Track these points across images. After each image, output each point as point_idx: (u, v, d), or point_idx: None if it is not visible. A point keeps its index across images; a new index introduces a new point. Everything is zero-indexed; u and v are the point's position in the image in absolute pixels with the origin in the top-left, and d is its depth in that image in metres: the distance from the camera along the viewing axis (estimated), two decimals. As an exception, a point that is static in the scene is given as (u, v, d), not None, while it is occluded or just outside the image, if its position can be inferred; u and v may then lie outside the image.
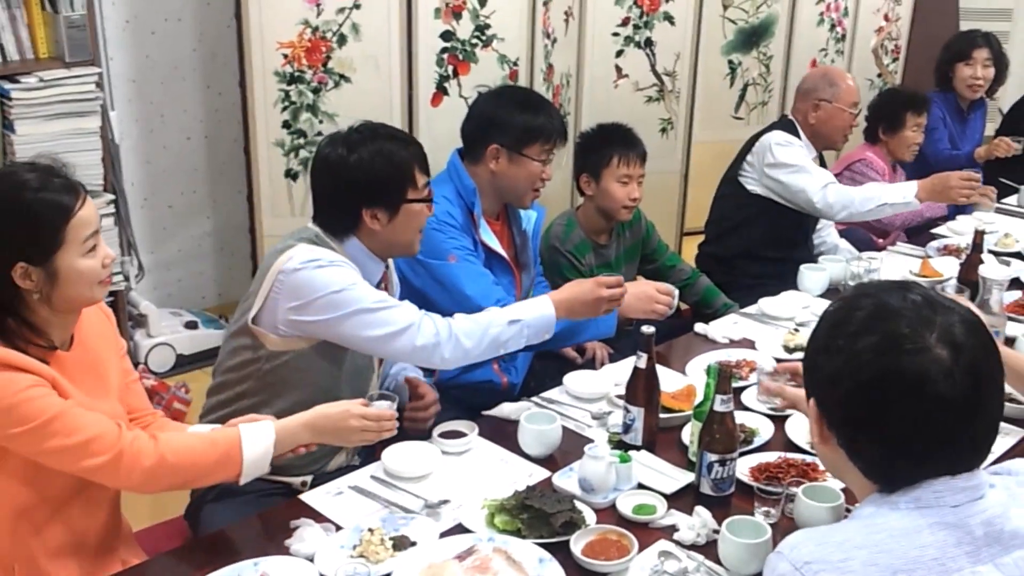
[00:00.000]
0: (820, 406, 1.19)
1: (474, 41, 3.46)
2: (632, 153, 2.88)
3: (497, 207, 2.61)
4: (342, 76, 3.35)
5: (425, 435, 2.07)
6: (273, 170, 3.40)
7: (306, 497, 1.88)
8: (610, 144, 2.88)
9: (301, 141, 3.39)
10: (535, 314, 2.09)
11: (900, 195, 3.23)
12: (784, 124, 3.43)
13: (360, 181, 2.01)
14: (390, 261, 2.21)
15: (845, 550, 1.07)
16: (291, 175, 3.42)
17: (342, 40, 3.32)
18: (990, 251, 3.21)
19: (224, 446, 1.72)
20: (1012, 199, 3.97)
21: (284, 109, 3.35)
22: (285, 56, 3.30)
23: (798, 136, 3.38)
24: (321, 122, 3.37)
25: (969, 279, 2.75)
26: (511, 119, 2.49)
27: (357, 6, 3.30)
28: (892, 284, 1.20)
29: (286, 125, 3.37)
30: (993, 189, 3.71)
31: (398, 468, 1.93)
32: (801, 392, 1.65)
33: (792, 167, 3.27)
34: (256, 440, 1.74)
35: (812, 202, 3.24)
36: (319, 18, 3.29)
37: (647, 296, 2.37)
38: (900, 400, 1.10)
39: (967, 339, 1.11)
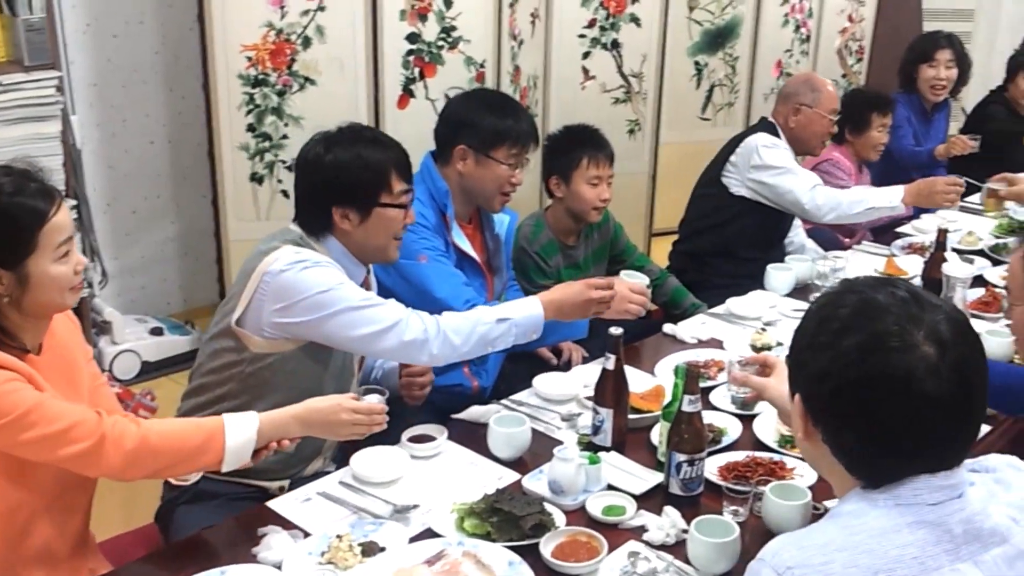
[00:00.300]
0: (806, 402, 1.18)
1: (440, 43, 3.45)
2: (601, 154, 2.89)
3: (469, 210, 2.60)
4: (307, 79, 3.33)
5: (394, 440, 2.05)
6: (238, 174, 3.37)
7: (274, 504, 1.86)
8: (579, 146, 2.89)
9: (266, 144, 3.36)
10: (524, 313, 2.08)
11: (887, 199, 3.27)
12: (766, 126, 3.45)
13: (331, 180, 2.02)
14: (371, 267, 2.21)
15: (826, 553, 1.07)
16: (256, 179, 3.39)
17: (307, 42, 3.30)
18: (954, 249, 3.25)
19: (207, 431, 1.70)
20: (975, 197, 4.02)
21: (248, 112, 3.32)
22: (249, 59, 3.27)
23: (779, 139, 3.40)
24: (286, 125, 3.35)
25: (933, 277, 2.77)
26: (479, 120, 2.48)
27: (322, 8, 3.28)
28: (878, 280, 1.19)
29: (251, 128, 3.34)
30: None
31: (367, 473, 1.92)
32: (767, 380, 1.67)
33: (779, 169, 3.29)
34: (240, 428, 1.72)
35: (800, 203, 3.26)
36: (283, 20, 3.26)
37: (620, 296, 2.35)
38: (887, 398, 1.09)
39: (954, 337, 1.11)
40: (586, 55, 4.41)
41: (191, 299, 4.20)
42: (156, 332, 3.78)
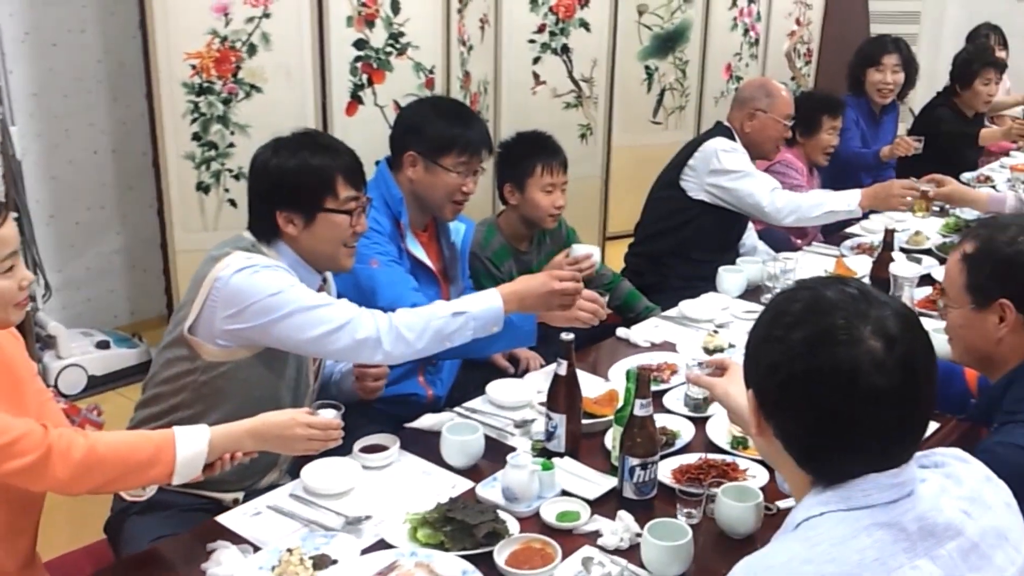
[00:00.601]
0: (757, 396, 1.20)
1: (388, 49, 3.43)
2: (555, 161, 2.89)
3: (425, 218, 2.58)
4: (253, 86, 3.29)
5: (345, 450, 2.02)
6: (184, 183, 3.32)
7: (223, 519, 1.83)
8: (533, 153, 2.88)
9: (212, 153, 3.32)
10: (482, 306, 2.03)
11: (845, 203, 3.32)
12: (722, 131, 3.47)
13: (275, 184, 2.01)
14: (328, 275, 2.18)
15: (792, 569, 1.07)
16: (203, 188, 3.34)
17: (252, 50, 3.26)
18: (901, 249, 3.30)
19: (157, 443, 1.67)
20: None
21: (194, 121, 3.27)
22: (193, 67, 3.22)
23: (736, 143, 3.43)
24: (233, 133, 3.30)
25: (880, 277, 2.81)
26: (428, 127, 2.47)
27: (267, 15, 3.24)
28: (831, 279, 1.21)
29: (196, 137, 3.29)
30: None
31: (318, 485, 1.89)
32: (716, 379, 1.67)
33: (738, 173, 3.32)
34: (191, 440, 1.69)
35: (761, 206, 3.29)
36: (227, 27, 3.22)
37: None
38: (833, 391, 1.10)
39: (901, 332, 1.12)
40: (536, 60, 4.42)
41: (138, 311, 4.13)
42: (102, 345, 3.71)
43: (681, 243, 3.42)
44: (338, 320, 1.94)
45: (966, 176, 4.41)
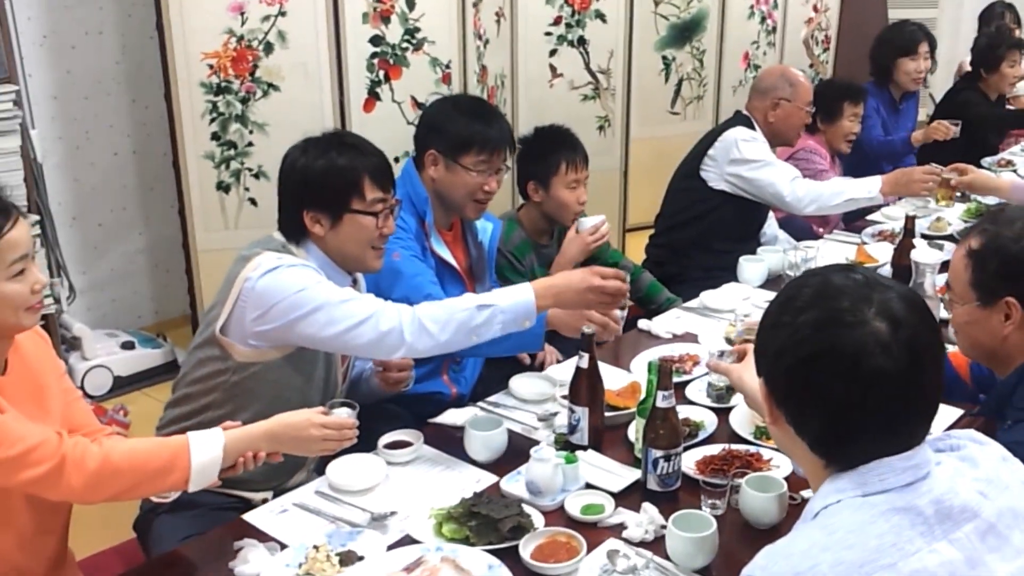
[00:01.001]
0: (768, 383, 1.21)
1: (404, 45, 3.43)
2: (578, 157, 2.88)
3: (450, 217, 2.56)
4: (270, 85, 3.30)
5: (370, 447, 2.03)
6: (204, 183, 3.34)
7: (250, 516, 1.84)
8: (556, 150, 2.87)
9: (231, 152, 3.33)
10: (511, 300, 1.94)
11: (865, 190, 3.30)
12: (742, 120, 3.46)
13: (301, 183, 2.02)
14: (360, 276, 2.18)
15: (812, 556, 1.07)
16: (223, 187, 3.36)
17: (269, 48, 3.27)
18: (922, 235, 3.26)
19: (172, 450, 1.66)
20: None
21: (212, 120, 3.29)
22: (211, 66, 3.24)
23: (756, 132, 3.41)
24: (251, 132, 3.31)
25: (902, 264, 2.78)
26: (448, 125, 2.45)
27: (283, 13, 3.25)
28: (839, 266, 1.23)
29: (215, 137, 3.31)
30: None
31: (343, 482, 1.90)
32: (733, 365, 1.69)
33: (759, 162, 3.31)
34: (205, 446, 1.68)
35: (782, 195, 3.28)
36: (244, 27, 3.23)
37: (580, 315, 2.12)
38: (840, 373, 1.11)
39: (906, 314, 1.13)
40: (553, 53, 4.41)
41: (162, 311, 4.16)
42: (127, 346, 3.73)
43: (702, 233, 3.41)
44: (362, 314, 1.92)
45: (987, 160, 4.36)
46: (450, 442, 2.05)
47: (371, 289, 2.26)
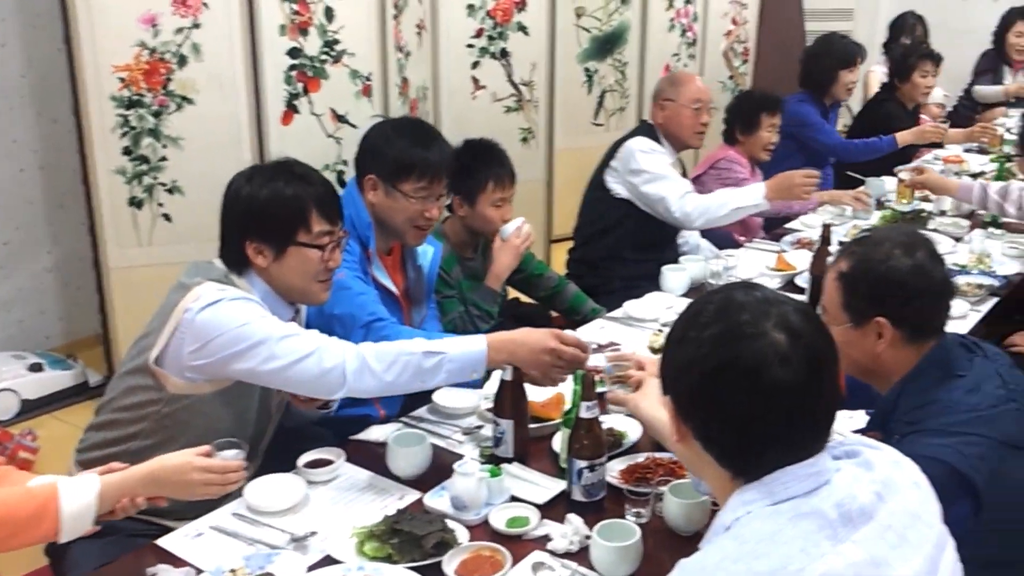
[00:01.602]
0: (674, 399, 1.24)
1: (323, 57, 3.38)
2: (505, 175, 2.87)
3: (389, 242, 2.51)
4: (184, 98, 3.22)
5: (290, 466, 1.98)
6: (116, 199, 3.24)
7: (164, 542, 1.78)
8: (483, 167, 2.84)
9: (144, 167, 3.24)
10: (461, 350, 1.91)
11: (750, 198, 3.34)
12: (645, 129, 3.49)
13: (245, 212, 1.97)
14: (302, 308, 2.13)
15: (724, 568, 1.10)
16: (135, 203, 3.27)
17: (182, 61, 3.19)
18: (840, 243, 3.33)
19: (40, 499, 1.58)
20: (858, 190, 4.15)
21: (124, 135, 3.20)
22: (122, 80, 3.15)
23: (658, 139, 3.44)
24: (164, 147, 3.23)
25: (819, 271, 2.83)
26: (387, 149, 2.39)
27: (197, 25, 3.17)
28: (741, 283, 1.29)
29: (127, 151, 3.22)
30: (868, 194, 3.91)
31: (261, 503, 1.85)
32: (631, 395, 1.73)
33: (651, 175, 3.32)
34: (76, 493, 1.60)
35: (671, 210, 3.30)
36: (156, 39, 3.15)
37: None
38: (742, 385, 1.15)
39: (803, 325, 1.17)
40: (475, 65, 4.41)
41: (72, 331, 4.02)
42: (36, 368, 3.60)
43: (614, 245, 3.43)
44: (304, 350, 1.88)
45: (899, 168, 4.49)
46: (373, 459, 2.02)
47: (311, 312, 2.21)
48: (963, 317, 2.78)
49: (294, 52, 3.32)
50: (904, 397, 1.69)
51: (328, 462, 1.99)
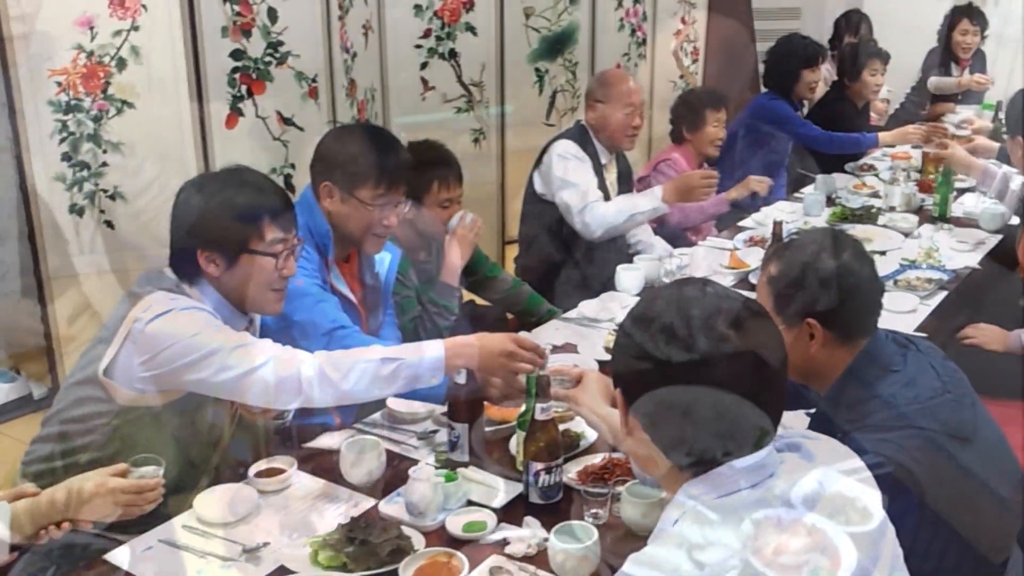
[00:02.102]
0: (624, 392, 1.27)
1: (267, 59, 3.32)
2: (451, 175, 2.84)
3: (346, 249, 2.46)
4: (124, 102, 3.14)
5: (240, 476, 1.93)
6: (55, 206, 3.15)
7: (112, 556, 1.74)
8: (429, 168, 2.81)
9: (84, 174, 3.16)
10: (419, 355, 1.89)
11: (647, 203, 3.30)
12: (577, 131, 3.46)
13: (195, 222, 1.93)
14: (256, 317, 2.09)
15: (672, 560, 1.12)
16: (76, 210, 3.18)
17: (121, 64, 3.11)
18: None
19: None
20: (809, 188, 4.20)
21: (63, 140, 3.11)
22: (59, 84, 3.06)
23: (591, 141, 3.41)
24: (105, 152, 3.15)
25: (772, 267, 2.84)
26: (343, 156, 2.34)
27: (135, 28, 3.09)
28: (693, 280, 1.32)
29: (66, 157, 3.13)
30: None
31: (211, 514, 1.82)
32: (572, 391, 1.80)
33: (563, 181, 3.29)
34: None
35: (574, 221, 3.28)
36: (93, 42, 3.06)
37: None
38: (689, 378, 1.18)
39: (752, 321, 1.21)
40: (424, 66, 4.37)
41: (14, 342, 3.89)
42: (-25, 382, 3.49)
43: (559, 247, 3.39)
44: (257, 359, 1.84)
45: (850, 165, 4.55)
46: (326, 467, 2.00)
47: (269, 320, 2.15)
48: (913, 311, 2.81)
49: (237, 54, 3.26)
50: (843, 395, 1.71)
51: (280, 471, 1.96)
